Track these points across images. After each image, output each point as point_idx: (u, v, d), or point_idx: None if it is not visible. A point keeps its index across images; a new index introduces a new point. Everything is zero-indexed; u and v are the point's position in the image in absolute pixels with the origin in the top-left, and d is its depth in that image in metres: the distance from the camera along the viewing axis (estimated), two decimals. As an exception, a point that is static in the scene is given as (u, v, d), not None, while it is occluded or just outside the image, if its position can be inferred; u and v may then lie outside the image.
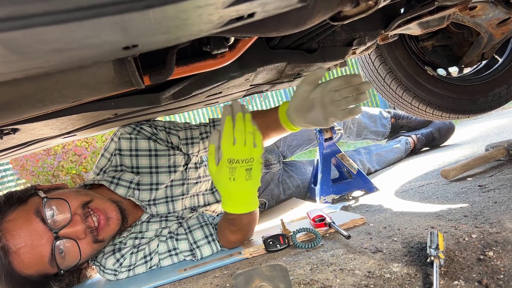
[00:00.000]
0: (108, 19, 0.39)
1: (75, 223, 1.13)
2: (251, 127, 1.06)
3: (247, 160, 1.03)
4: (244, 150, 1.03)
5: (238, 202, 1.09)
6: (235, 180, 1.03)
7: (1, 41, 0.39)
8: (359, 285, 0.76)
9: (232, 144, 1.03)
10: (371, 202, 1.48)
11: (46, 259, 1.10)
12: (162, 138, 1.42)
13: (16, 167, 5.03)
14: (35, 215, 1.10)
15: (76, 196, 1.19)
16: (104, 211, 1.19)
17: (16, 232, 1.07)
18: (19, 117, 0.74)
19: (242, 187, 1.05)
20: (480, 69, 1.92)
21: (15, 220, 1.09)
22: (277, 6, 0.51)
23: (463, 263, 0.75)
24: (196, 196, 1.50)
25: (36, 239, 1.08)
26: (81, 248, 1.15)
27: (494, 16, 1.39)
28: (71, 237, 1.13)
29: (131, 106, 1.04)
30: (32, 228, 1.08)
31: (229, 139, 1.04)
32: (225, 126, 1.05)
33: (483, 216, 0.96)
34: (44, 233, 1.09)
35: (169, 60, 0.78)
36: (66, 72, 0.60)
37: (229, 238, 1.23)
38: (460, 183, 1.37)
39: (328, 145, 1.73)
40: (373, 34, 1.24)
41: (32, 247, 1.08)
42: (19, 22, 0.37)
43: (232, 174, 1.03)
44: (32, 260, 1.09)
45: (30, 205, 1.13)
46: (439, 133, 2.44)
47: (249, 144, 1.04)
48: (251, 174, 1.05)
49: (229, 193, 1.07)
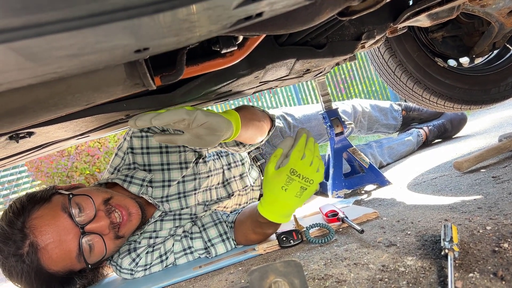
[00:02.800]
0: (119, 24, 0.40)
1: (100, 218, 1.16)
2: (319, 154, 1.09)
3: (307, 180, 1.05)
4: (309, 169, 1.05)
5: (277, 211, 1.09)
6: (286, 190, 1.04)
7: (16, 49, 0.40)
8: (374, 279, 0.76)
9: (301, 159, 1.05)
10: (384, 196, 1.47)
11: (74, 253, 1.12)
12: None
13: (31, 169, 5.11)
14: (62, 211, 1.12)
15: (98, 193, 1.22)
16: (125, 207, 1.22)
17: (44, 229, 1.09)
18: (34, 121, 0.75)
19: (288, 200, 1.06)
20: (492, 59, 1.89)
21: (42, 217, 1.11)
22: (285, 4, 0.52)
23: (478, 255, 0.75)
24: (209, 191, 1.51)
25: (63, 234, 1.10)
26: (106, 243, 1.17)
27: (504, 5, 1.37)
28: (97, 232, 1.15)
29: (143, 107, 1.05)
30: (59, 224, 1.11)
31: (300, 152, 1.06)
32: (300, 141, 1.07)
33: (497, 207, 0.95)
34: (71, 229, 1.11)
35: (179, 61, 0.79)
36: (79, 76, 0.61)
37: (250, 237, 1.24)
38: (474, 174, 1.36)
39: (339, 140, 1.73)
40: (382, 27, 1.23)
41: (60, 243, 1.10)
42: (33, 30, 0.38)
43: (287, 184, 1.04)
44: (60, 256, 1.11)
45: (55, 203, 1.15)
46: (451, 124, 2.42)
47: (314, 166, 1.07)
48: (302, 194, 1.06)
49: (274, 199, 1.07)
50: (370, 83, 7.23)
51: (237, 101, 6.80)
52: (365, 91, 7.26)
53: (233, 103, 6.91)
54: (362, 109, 2.35)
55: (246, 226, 1.23)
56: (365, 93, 7.24)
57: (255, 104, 7.57)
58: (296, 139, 1.09)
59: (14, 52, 0.41)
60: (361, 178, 1.67)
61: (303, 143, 1.08)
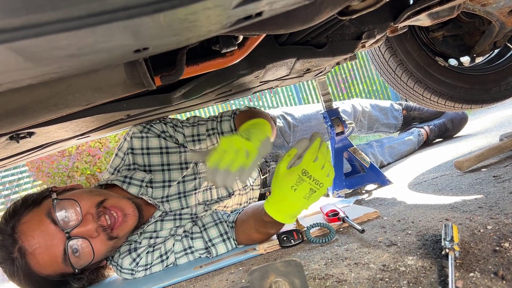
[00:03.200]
0: (118, 24, 0.40)
1: (87, 222, 1.15)
2: (330, 159, 1.09)
3: (318, 182, 1.04)
4: (320, 172, 1.05)
5: (284, 210, 1.08)
6: (296, 190, 1.04)
7: (16, 49, 0.40)
8: (374, 279, 0.76)
9: (313, 161, 1.05)
10: (385, 195, 1.47)
11: (60, 259, 1.13)
12: (171, 135, 1.44)
13: (32, 169, 5.11)
14: (46, 216, 1.13)
15: (89, 196, 1.21)
16: (120, 208, 1.22)
17: (30, 234, 1.11)
18: (34, 121, 0.76)
19: (296, 200, 1.05)
20: (493, 58, 1.89)
21: (29, 222, 1.13)
22: (284, 4, 0.52)
23: (479, 254, 0.75)
24: (209, 190, 1.51)
25: (49, 240, 1.11)
26: (94, 246, 1.17)
27: (505, 4, 1.37)
28: (83, 236, 1.15)
29: (143, 106, 1.05)
30: (44, 229, 1.11)
31: (313, 154, 1.06)
32: (314, 143, 1.08)
33: (498, 207, 0.95)
34: (56, 234, 1.12)
35: (179, 61, 0.79)
36: (79, 76, 0.61)
37: (252, 236, 1.23)
38: (475, 174, 1.36)
39: (340, 140, 1.73)
40: (383, 27, 1.23)
41: (46, 248, 1.11)
42: (32, 31, 0.38)
43: (297, 184, 1.04)
44: (47, 261, 1.12)
45: (43, 207, 1.16)
46: (452, 123, 2.42)
47: (325, 170, 1.06)
48: (311, 196, 1.05)
49: (282, 198, 1.06)
50: (371, 83, 7.23)
51: (238, 101, 6.80)
52: (366, 91, 7.26)
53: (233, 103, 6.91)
54: (362, 108, 2.35)
55: (249, 225, 1.22)
56: (366, 93, 7.24)
57: (255, 104, 7.57)
58: (311, 141, 1.09)
59: (13, 52, 0.41)
60: (361, 177, 1.67)
61: (317, 146, 1.08)
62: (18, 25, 0.37)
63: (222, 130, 1.48)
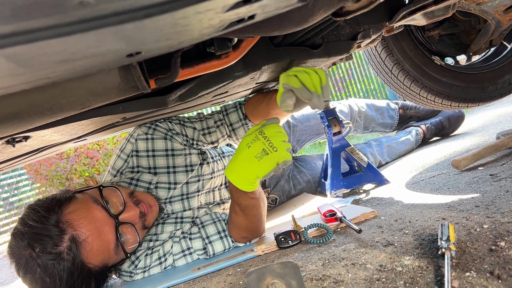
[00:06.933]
0: (109, 29, 0.40)
1: (130, 208, 1.18)
2: (290, 146, 1.10)
3: (271, 145, 1.04)
4: (277, 137, 1.05)
5: (236, 169, 1.08)
6: (249, 147, 1.05)
7: (7, 55, 0.40)
8: (371, 279, 0.76)
9: (276, 132, 1.06)
10: (382, 195, 1.48)
11: (113, 244, 1.13)
12: (177, 132, 1.44)
13: (30, 171, 5.11)
14: (94, 203, 1.13)
15: (121, 187, 1.25)
16: (146, 200, 1.25)
17: (81, 222, 1.07)
18: (30, 125, 0.75)
19: (247, 158, 1.06)
20: (489, 57, 1.89)
21: (76, 211, 1.08)
22: (277, 7, 0.52)
23: (475, 254, 0.75)
24: (212, 192, 1.51)
25: (100, 225, 1.10)
26: (138, 232, 1.20)
27: (500, 3, 1.38)
28: (130, 222, 1.17)
29: (139, 109, 1.05)
30: (94, 216, 1.10)
31: (279, 127, 1.08)
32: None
33: (494, 205, 0.95)
34: (107, 219, 1.12)
35: (173, 64, 0.79)
36: (73, 80, 0.61)
37: (234, 220, 1.23)
38: (471, 172, 1.36)
39: (337, 139, 1.73)
40: (378, 27, 1.23)
41: (99, 234, 1.09)
42: (24, 37, 0.38)
43: (252, 142, 1.05)
44: (100, 247, 1.10)
45: (83, 198, 1.14)
46: (448, 122, 2.42)
47: (286, 144, 1.06)
48: (262, 157, 1.04)
49: (236, 156, 1.09)
50: (369, 82, 7.23)
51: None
52: (363, 90, 7.26)
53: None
54: (358, 108, 2.35)
55: (229, 211, 1.24)
56: (364, 92, 7.24)
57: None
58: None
59: (5, 59, 0.41)
60: (359, 177, 1.67)
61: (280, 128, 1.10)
62: (9, 32, 0.37)
63: (231, 122, 1.52)
